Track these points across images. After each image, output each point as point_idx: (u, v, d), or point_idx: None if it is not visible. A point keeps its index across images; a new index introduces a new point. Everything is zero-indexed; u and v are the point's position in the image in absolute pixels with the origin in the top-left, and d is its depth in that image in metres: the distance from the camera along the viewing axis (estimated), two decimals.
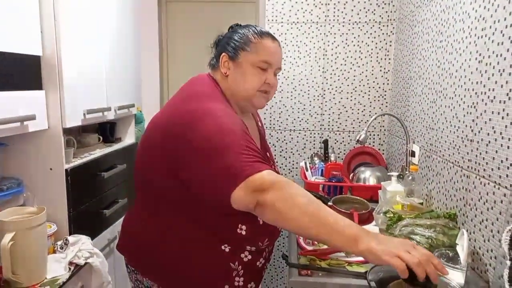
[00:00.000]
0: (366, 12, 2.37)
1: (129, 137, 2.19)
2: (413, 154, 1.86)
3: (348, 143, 2.50)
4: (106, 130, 2.06)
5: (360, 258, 1.28)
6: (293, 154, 2.53)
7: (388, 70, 2.41)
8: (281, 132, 2.52)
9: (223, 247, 1.14)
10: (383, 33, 2.39)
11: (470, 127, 1.30)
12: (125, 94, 2.03)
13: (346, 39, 2.41)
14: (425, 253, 0.85)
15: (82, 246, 1.46)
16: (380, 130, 2.49)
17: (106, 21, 1.79)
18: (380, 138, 2.50)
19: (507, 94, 1.09)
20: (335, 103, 2.48)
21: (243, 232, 1.11)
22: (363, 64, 2.43)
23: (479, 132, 1.24)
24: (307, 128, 2.51)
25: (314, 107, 2.49)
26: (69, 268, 1.37)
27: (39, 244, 1.28)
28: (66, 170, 1.50)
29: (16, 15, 1.29)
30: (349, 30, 2.40)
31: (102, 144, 2.02)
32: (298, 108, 2.49)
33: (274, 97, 2.45)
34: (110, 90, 1.84)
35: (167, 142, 1.07)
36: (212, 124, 1.02)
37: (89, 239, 1.53)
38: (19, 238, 1.20)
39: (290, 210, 0.92)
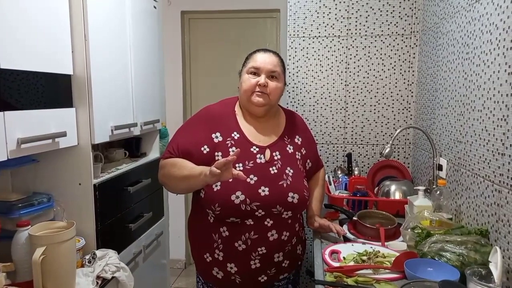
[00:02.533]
0: (389, 25, 2.36)
1: (153, 152, 2.22)
2: (440, 168, 1.82)
3: (372, 157, 2.47)
4: (132, 145, 2.11)
5: (388, 275, 1.25)
6: None
7: (412, 83, 2.38)
8: None
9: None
10: (406, 46, 2.37)
11: (501, 140, 1.26)
12: (150, 110, 2.07)
13: (369, 52, 2.40)
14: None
15: (109, 260, 1.47)
16: (405, 143, 2.45)
17: (132, 39, 1.85)
18: (405, 151, 2.45)
19: None
20: (358, 116, 2.46)
21: (202, 195, 1.43)
22: (386, 77, 2.41)
23: (510, 145, 1.21)
24: (330, 142, 2.50)
25: (336, 120, 2.47)
26: (97, 282, 1.39)
27: (69, 258, 1.31)
28: (94, 185, 1.53)
29: (49, 36, 1.34)
30: (371, 43, 2.39)
31: (128, 159, 2.06)
32: (321, 122, 2.48)
33: (297, 110, 2.45)
34: (136, 106, 1.88)
35: None
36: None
37: (116, 253, 1.55)
38: (50, 252, 1.23)
39: (166, 179, 1.48)
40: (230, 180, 1.34)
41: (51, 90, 1.38)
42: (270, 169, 1.45)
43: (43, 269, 1.21)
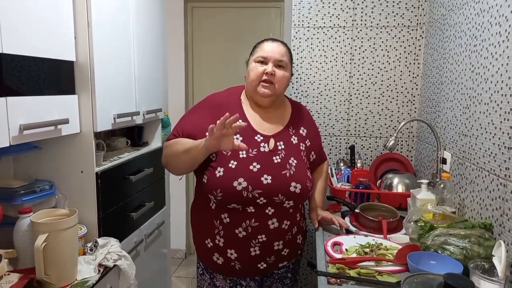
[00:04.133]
0: (395, 16, 2.34)
1: (155, 141, 2.21)
2: (444, 161, 1.81)
3: (375, 149, 2.46)
4: (134, 134, 2.10)
5: (391, 268, 1.25)
6: None
7: (417, 75, 2.36)
8: None
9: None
10: (412, 37, 2.34)
11: (508, 134, 1.25)
12: (153, 99, 2.06)
13: (374, 44, 2.37)
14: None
15: (111, 249, 1.47)
16: (409, 136, 2.44)
17: (135, 27, 1.82)
18: (408, 144, 2.44)
19: None
20: (362, 108, 2.44)
21: (205, 181, 1.43)
22: (391, 69, 2.39)
23: None
24: (333, 134, 2.48)
25: (340, 112, 2.46)
26: (99, 270, 1.39)
27: (71, 246, 1.31)
28: (96, 173, 1.52)
29: (52, 22, 1.32)
30: (376, 34, 2.36)
31: (130, 148, 2.05)
32: (324, 113, 2.47)
33: (300, 101, 2.43)
34: (139, 95, 1.87)
35: None
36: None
37: (118, 241, 1.55)
38: (52, 239, 1.23)
39: (169, 158, 1.50)
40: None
41: (54, 76, 1.37)
42: (274, 158, 1.45)
43: (45, 256, 1.21)
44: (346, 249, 1.39)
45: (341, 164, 2.36)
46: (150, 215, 2.07)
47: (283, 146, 1.49)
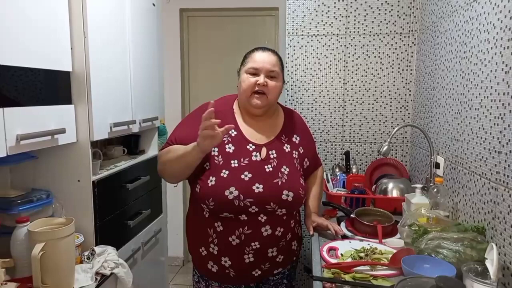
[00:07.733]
0: (387, 23, 2.37)
1: (152, 149, 2.23)
2: (437, 165, 1.83)
3: (370, 155, 2.48)
4: (131, 143, 2.11)
5: (386, 272, 1.26)
6: None
7: (410, 81, 2.40)
8: None
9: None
10: (404, 44, 2.37)
11: (498, 138, 1.28)
12: (149, 107, 2.08)
13: (367, 51, 2.41)
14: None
15: (108, 257, 1.48)
16: (403, 141, 2.46)
17: (131, 37, 1.85)
18: (402, 150, 2.47)
19: None
20: (356, 115, 2.47)
21: (198, 190, 1.44)
22: (384, 75, 2.42)
23: (507, 143, 1.22)
24: (328, 140, 2.50)
25: (335, 118, 2.48)
26: (96, 278, 1.39)
27: (68, 254, 1.31)
28: (93, 182, 1.54)
29: (48, 33, 1.34)
30: (369, 41, 2.40)
31: (127, 156, 2.06)
32: (319, 120, 2.49)
33: (295, 108, 2.46)
34: (135, 103, 1.89)
35: None
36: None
37: (115, 249, 1.56)
38: (49, 248, 1.24)
39: (164, 166, 1.48)
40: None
41: (50, 87, 1.39)
42: (266, 167, 1.46)
43: (42, 265, 1.22)
44: (342, 254, 1.41)
45: (337, 170, 2.37)
46: (147, 223, 2.07)
47: (275, 155, 1.50)
